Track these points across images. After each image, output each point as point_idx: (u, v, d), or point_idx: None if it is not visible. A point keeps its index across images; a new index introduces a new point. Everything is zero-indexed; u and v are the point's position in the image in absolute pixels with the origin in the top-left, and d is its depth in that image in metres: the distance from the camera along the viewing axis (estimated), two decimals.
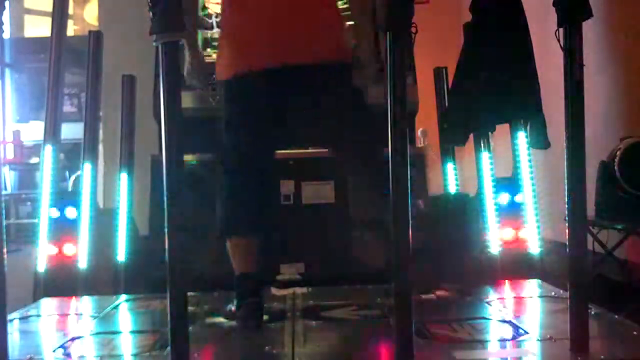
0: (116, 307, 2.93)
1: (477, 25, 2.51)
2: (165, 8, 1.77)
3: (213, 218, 2.66)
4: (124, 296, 3.14)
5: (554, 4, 1.95)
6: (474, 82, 2.47)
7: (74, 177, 6.84)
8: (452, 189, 3.97)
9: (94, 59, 3.52)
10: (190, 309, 2.24)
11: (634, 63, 4.31)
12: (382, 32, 1.88)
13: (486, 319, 2.47)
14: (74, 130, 4.23)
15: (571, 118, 1.93)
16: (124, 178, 3.60)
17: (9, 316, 2.03)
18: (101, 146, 4.15)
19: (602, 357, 1.94)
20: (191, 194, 2.22)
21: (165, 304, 1.76)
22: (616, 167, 3.59)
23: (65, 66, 3.39)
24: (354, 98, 2.66)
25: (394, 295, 1.74)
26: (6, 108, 10.37)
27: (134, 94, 3.73)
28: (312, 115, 2.62)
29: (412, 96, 3.38)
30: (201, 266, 2.87)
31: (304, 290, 3.08)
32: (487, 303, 2.72)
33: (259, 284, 2.57)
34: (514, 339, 2.20)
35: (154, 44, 1.78)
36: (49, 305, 3.04)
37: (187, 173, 2.69)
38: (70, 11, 7.93)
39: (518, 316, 2.52)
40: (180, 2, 1.83)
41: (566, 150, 1.94)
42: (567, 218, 1.95)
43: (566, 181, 1.94)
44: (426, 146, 4.00)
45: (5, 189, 8.90)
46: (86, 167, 3.46)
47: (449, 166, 3.97)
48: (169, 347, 1.76)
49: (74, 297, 3.14)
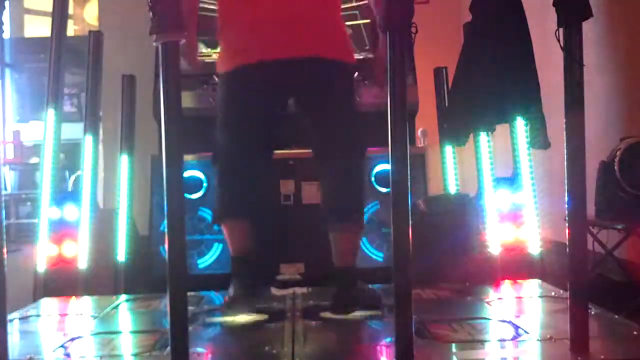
0: (116, 307, 2.93)
1: (477, 25, 2.51)
2: (165, 8, 1.77)
3: None
4: (124, 296, 3.14)
5: (554, 4, 1.95)
6: (474, 82, 2.47)
7: (74, 177, 6.83)
8: (452, 189, 3.97)
9: (94, 59, 3.52)
10: (190, 309, 2.26)
11: (634, 63, 4.31)
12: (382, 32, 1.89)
13: (486, 319, 2.47)
14: (74, 130, 4.23)
15: (571, 118, 1.94)
16: (124, 178, 3.60)
17: (9, 316, 2.03)
18: (101, 146, 4.14)
19: (602, 357, 1.93)
20: None
21: (165, 304, 1.77)
22: (616, 167, 3.57)
23: (65, 66, 3.39)
24: (343, 98, 2.65)
25: (394, 295, 1.74)
26: (6, 108, 10.35)
27: (134, 94, 3.73)
28: (298, 114, 2.67)
29: (412, 96, 3.38)
30: None
31: (304, 290, 3.08)
32: (487, 303, 2.72)
33: (254, 266, 2.61)
34: (514, 339, 2.20)
35: (154, 44, 1.78)
36: (49, 305, 3.04)
37: None
38: (70, 11, 7.92)
39: (518, 316, 2.52)
40: (180, 2, 1.83)
41: (566, 150, 1.94)
42: (567, 218, 1.96)
43: (566, 181, 1.94)
44: (426, 146, 3.99)
45: (5, 189, 8.88)
46: (86, 167, 3.47)
47: (449, 166, 3.98)
48: (169, 347, 1.76)
49: (74, 297, 3.14)
